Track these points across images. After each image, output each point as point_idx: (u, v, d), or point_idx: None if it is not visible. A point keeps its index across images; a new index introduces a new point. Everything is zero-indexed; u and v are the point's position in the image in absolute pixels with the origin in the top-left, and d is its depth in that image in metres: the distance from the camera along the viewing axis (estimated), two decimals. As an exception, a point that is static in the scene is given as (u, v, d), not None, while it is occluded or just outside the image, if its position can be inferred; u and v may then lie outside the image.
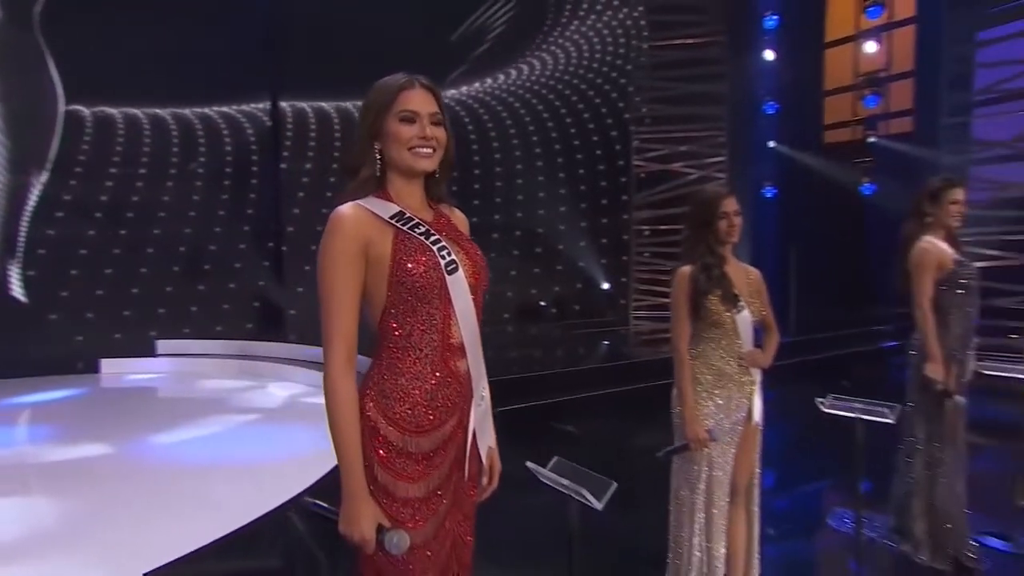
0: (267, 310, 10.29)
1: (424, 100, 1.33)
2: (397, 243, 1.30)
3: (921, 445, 2.92)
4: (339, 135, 10.52)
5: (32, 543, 3.29)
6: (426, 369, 1.32)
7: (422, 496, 1.30)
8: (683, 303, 2.33)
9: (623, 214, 10.92)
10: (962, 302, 2.85)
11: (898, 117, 10.04)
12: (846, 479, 3.34)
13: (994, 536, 3.10)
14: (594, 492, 1.59)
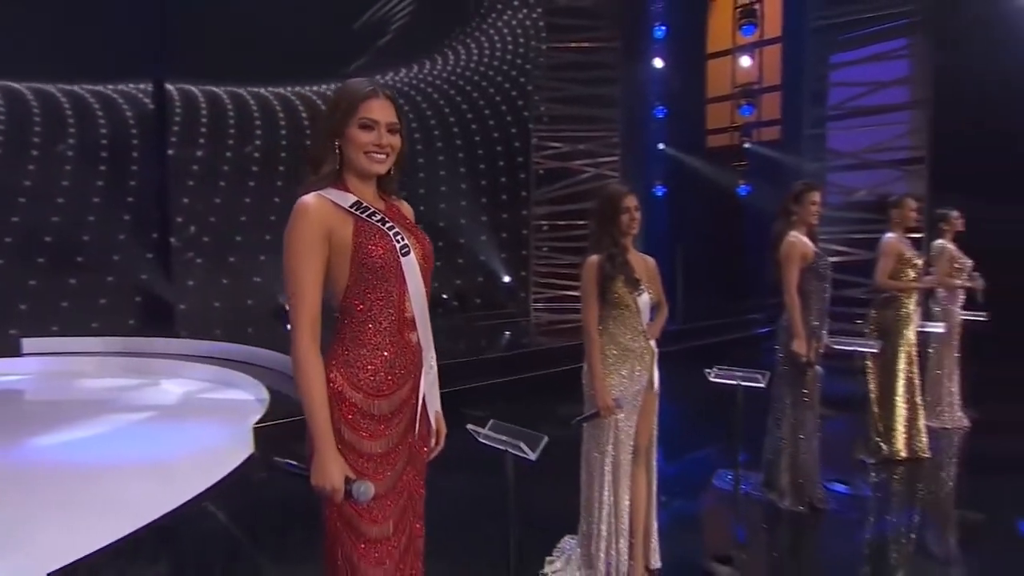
0: (152, 305, 9.65)
1: (384, 110, 1.46)
2: (358, 229, 1.43)
3: (787, 410, 3.41)
4: (233, 122, 10.04)
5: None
6: (384, 340, 1.47)
7: (383, 452, 1.46)
8: (592, 288, 2.60)
9: (523, 209, 11.27)
10: (819, 288, 3.36)
11: (768, 126, 11.15)
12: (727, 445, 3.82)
13: (838, 482, 3.67)
14: (530, 445, 1.82)
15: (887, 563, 2.97)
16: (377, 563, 1.44)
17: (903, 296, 4.06)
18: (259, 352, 7.13)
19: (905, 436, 4.10)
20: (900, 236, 4.11)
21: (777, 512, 3.38)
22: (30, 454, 4.67)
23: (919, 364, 4.21)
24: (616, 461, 2.62)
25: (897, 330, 4.06)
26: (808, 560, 3.15)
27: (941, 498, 3.75)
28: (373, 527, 1.45)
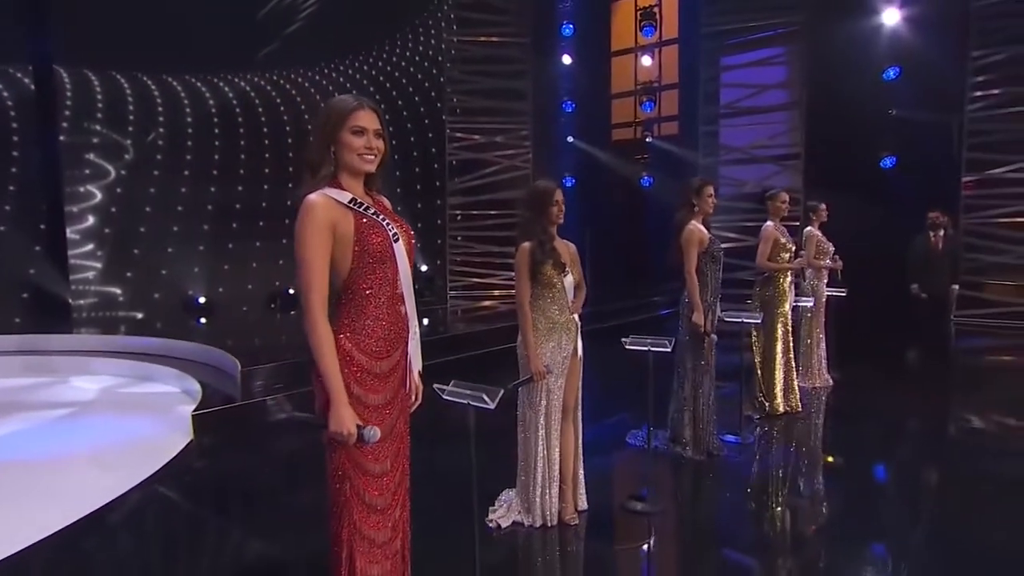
0: (43, 301, 9.07)
1: (371, 119, 1.76)
2: (358, 222, 1.73)
3: (688, 373, 3.98)
4: (132, 109, 9.55)
5: None
6: (383, 312, 1.78)
7: (383, 403, 1.78)
8: (524, 270, 2.98)
9: (437, 199, 11.51)
10: (714, 270, 3.93)
11: (667, 121, 12.02)
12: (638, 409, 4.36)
13: (730, 434, 4.31)
14: (489, 397, 2.18)
15: (768, 498, 3.59)
16: (379, 492, 1.79)
17: (779, 275, 4.77)
18: (175, 344, 6.99)
19: (782, 394, 4.83)
20: (776, 224, 4.80)
21: (681, 462, 3.95)
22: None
23: (793, 333, 4.95)
24: (548, 419, 3.04)
25: (775, 304, 4.76)
26: (706, 496, 3.72)
27: (811, 445, 4.48)
28: (376, 464, 1.78)
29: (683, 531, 3.26)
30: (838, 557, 2.88)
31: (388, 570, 1.81)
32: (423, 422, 2.17)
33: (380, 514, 1.79)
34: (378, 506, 1.78)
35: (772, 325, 4.76)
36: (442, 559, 2.51)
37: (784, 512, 3.40)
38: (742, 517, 3.39)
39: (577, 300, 3.15)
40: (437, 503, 2.30)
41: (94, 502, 3.39)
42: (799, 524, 3.27)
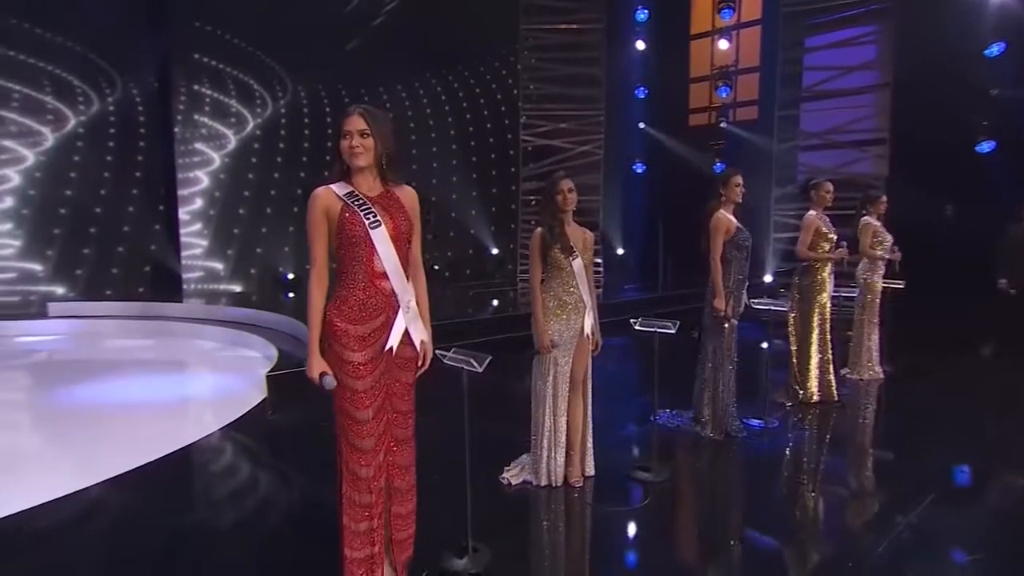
0: (160, 274, 10.32)
1: (354, 122, 2.09)
2: (342, 211, 2.11)
3: (710, 355, 4.13)
4: (234, 102, 10.55)
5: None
6: (359, 286, 2.12)
7: (363, 361, 2.13)
8: (536, 253, 3.27)
9: (511, 185, 11.86)
10: (739, 257, 4.04)
11: (745, 106, 11.68)
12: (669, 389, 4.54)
13: (755, 419, 4.40)
14: (478, 362, 2.51)
15: (774, 481, 3.71)
16: (362, 436, 2.15)
17: (818, 265, 4.75)
18: (264, 315, 7.83)
19: (817, 383, 4.82)
20: (819, 214, 4.77)
21: (699, 440, 4.12)
22: (64, 400, 5.41)
23: (832, 323, 4.91)
24: (555, 390, 3.33)
25: (812, 294, 4.75)
26: (712, 472, 3.88)
27: (836, 435, 4.48)
28: (358, 412, 2.15)
29: (679, 500, 3.45)
30: (822, 547, 2.97)
31: (372, 502, 2.18)
32: (453, 388, 2.53)
33: (364, 454, 2.16)
34: (361, 447, 2.15)
35: (808, 314, 4.77)
36: (444, 507, 2.78)
37: (787, 495, 3.50)
38: (742, 494, 3.55)
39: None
40: (454, 458, 2.63)
41: (182, 441, 4.08)
42: (798, 509, 3.36)
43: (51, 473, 3.78)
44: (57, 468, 3.90)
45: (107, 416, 4.92)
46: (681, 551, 2.99)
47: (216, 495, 3.62)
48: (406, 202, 2.23)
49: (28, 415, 5.31)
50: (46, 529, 3.11)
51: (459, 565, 2.57)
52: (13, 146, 9.40)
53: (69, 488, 3.38)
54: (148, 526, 3.14)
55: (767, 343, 5.26)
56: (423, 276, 2.37)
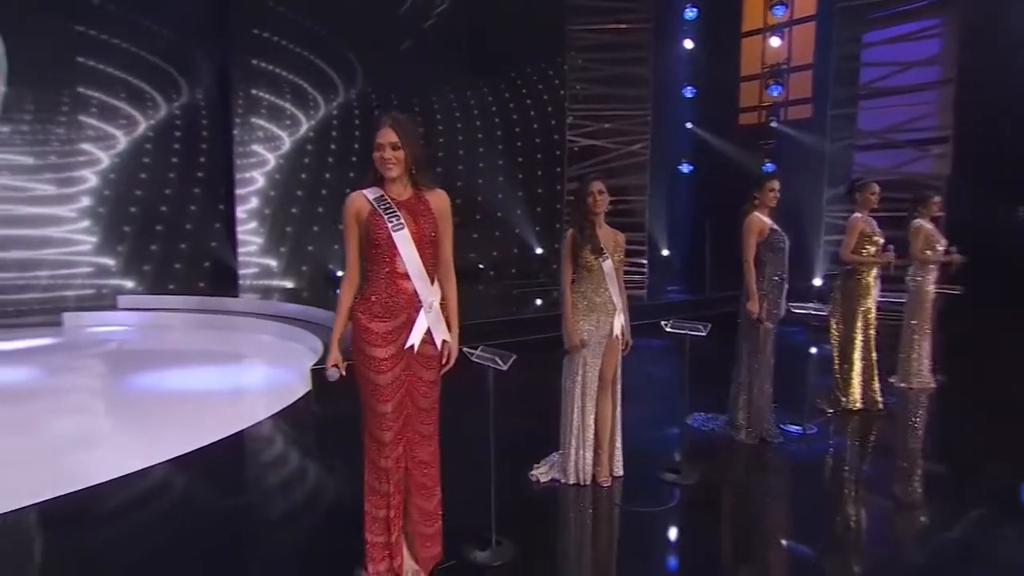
0: (219, 269, 10.84)
1: (385, 134, 2.20)
2: (370, 215, 2.23)
3: (743, 358, 4.09)
4: (289, 104, 10.96)
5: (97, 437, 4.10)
6: (381, 286, 2.24)
7: (385, 357, 2.25)
8: (567, 254, 3.34)
9: (556, 185, 11.89)
10: (774, 259, 3.99)
11: (797, 105, 11.36)
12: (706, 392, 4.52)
13: (793, 424, 4.33)
14: (503, 360, 2.59)
15: (806, 488, 3.65)
16: (382, 429, 2.28)
17: (863, 268, 4.62)
18: (314, 311, 8.14)
19: (861, 390, 4.70)
20: (865, 216, 4.64)
21: (733, 444, 4.09)
22: (131, 386, 5.80)
23: (878, 328, 4.76)
24: (584, 390, 3.38)
25: (856, 298, 4.63)
26: (742, 477, 3.85)
27: (876, 444, 4.35)
28: (379, 405, 2.27)
29: (708, 504, 3.43)
30: (856, 559, 2.91)
31: (391, 491, 2.30)
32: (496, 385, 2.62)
33: (384, 446, 2.28)
34: (382, 439, 2.27)
35: (851, 319, 4.65)
36: (471, 500, 2.82)
37: (821, 503, 3.44)
38: (774, 500, 3.51)
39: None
40: (484, 454, 2.71)
41: (234, 427, 4.34)
42: (832, 518, 3.29)
43: (121, 452, 4.09)
44: (126, 448, 4.22)
45: (169, 402, 5.29)
46: (707, 555, 2.98)
47: (259, 478, 3.84)
48: (435, 206, 2.33)
49: (101, 399, 5.74)
50: (117, 503, 3.40)
51: (482, 557, 2.65)
52: (91, 149, 10.06)
53: (136, 466, 3.67)
54: (201, 503, 3.37)
55: (811, 348, 5.15)
56: (453, 276, 2.45)
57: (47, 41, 9.29)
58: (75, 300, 9.63)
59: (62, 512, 3.21)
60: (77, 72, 9.73)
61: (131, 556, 2.84)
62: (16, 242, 9.31)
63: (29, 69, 9.19)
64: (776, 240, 3.98)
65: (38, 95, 9.45)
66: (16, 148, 9.34)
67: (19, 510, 3.16)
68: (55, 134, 9.69)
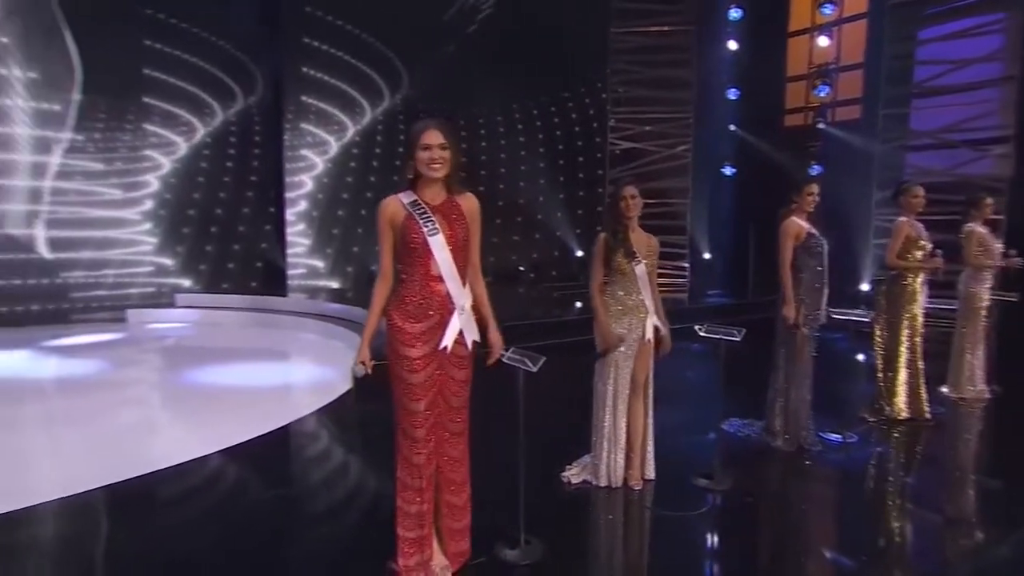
0: (269, 270, 11.27)
1: (434, 136, 2.25)
2: (405, 219, 2.30)
3: (780, 364, 4.05)
4: (336, 110, 11.30)
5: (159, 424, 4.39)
6: (415, 288, 2.32)
7: (418, 356, 2.32)
8: (598, 257, 3.38)
9: (599, 187, 11.90)
10: (811, 264, 3.94)
11: (845, 105, 11.04)
12: (743, 397, 4.50)
13: (833, 433, 4.24)
14: (532, 362, 2.66)
15: (841, 497, 3.59)
16: (415, 426, 2.36)
17: (909, 274, 4.51)
18: (357, 311, 8.39)
19: (907, 399, 4.57)
20: (911, 220, 4.53)
21: (769, 450, 4.05)
22: (187, 380, 6.13)
23: (926, 336, 4.63)
24: (616, 392, 3.42)
25: (901, 304, 4.52)
26: (777, 484, 3.82)
27: (920, 455, 4.23)
28: (412, 403, 2.35)
29: (740, 510, 3.41)
30: (892, 573, 2.87)
31: (423, 487, 2.39)
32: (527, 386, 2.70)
33: (416, 443, 2.36)
34: (414, 436, 2.36)
35: (896, 326, 4.53)
36: (502, 499, 2.86)
37: (859, 513, 3.38)
38: (810, 508, 3.47)
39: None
40: (514, 455, 2.77)
41: (280, 421, 4.57)
42: (869, 528, 3.22)
43: (177, 441, 4.35)
44: (182, 437, 4.48)
45: (220, 395, 5.58)
46: (739, 562, 2.97)
47: (302, 471, 4.03)
48: (467, 210, 2.39)
49: (159, 392, 6.09)
50: (174, 490, 3.64)
51: (511, 555, 2.71)
52: (154, 155, 10.62)
53: (191, 455, 3.91)
54: (248, 492, 3.57)
55: (855, 354, 5.05)
56: (481, 279, 2.51)
57: (118, 54, 9.86)
58: (138, 298, 10.18)
59: (124, 496, 3.45)
60: (143, 83, 10.29)
61: (183, 538, 3.05)
62: (86, 243, 9.90)
63: (101, 80, 9.78)
64: (814, 244, 3.93)
65: (109, 105, 10.03)
66: (88, 155, 9.94)
67: (86, 493, 3.41)
68: (122, 141, 10.27)
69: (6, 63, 9.07)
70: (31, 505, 3.25)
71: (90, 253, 9.92)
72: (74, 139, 9.70)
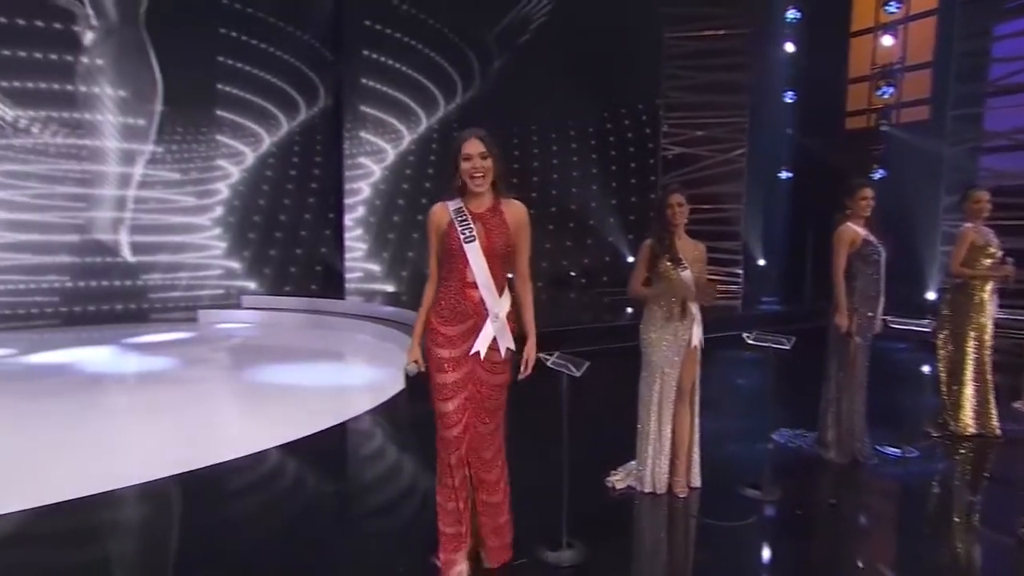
0: (328, 273, 11.72)
1: (475, 146, 2.34)
2: (448, 225, 2.39)
3: (833, 373, 3.97)
4: (393, 119, 11.66)
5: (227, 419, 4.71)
6: (451, 293, 2.41)
7: (450, 357, 2.41)
8: (642, 261, 3.43)
9: (651, 193, 11.81)
10: (866, 271, 3.84)
11: (912, 106, 10.57)
12: (795, 407, 4.42)
13: (892, 446, 4.11)
14: (576, 367, 2.73)
15: (894, 514, 3.48)
16: (446, 427, 2.45)
17: (976, 283, 4.33)
18: (410, 313, 8.63)
19: (973, 414, 4.38)
20: (976, 226, 4.35)
21: (821, 463, 3.96)
22: (252, 378, 6.47)
23: (997, 347, 4.42)
24: (661, 398, 3.44)
25: (968, 314, 4.34)
26: (826, 496, 3.73)
27: (988, 475, 4.04)
28: (441, 403, 2.44)
29: (787, 522, 3.36)
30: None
31: (457, 485, 2.47)
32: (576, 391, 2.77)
33: (448, 443, 2.44)
34: (446, 436, 2.44)
35: (962, 337, 4.36)
36: (546, 502, 2.88)
37: (913, 530, 3.28)
38: (860, 522, 3.38)
39: (701, 294, 3.44)
40: (559, 458, 2.80)
41: (336, 419, 4.79)
42: (930, 547, 3.12)
43: (240, 435, 4.61)
44: (245, 432, 4.76)
45: (282, 392, 5.88)
46: (781, 574, 2.95)
47: (356, 466, 4.22)
48: (510, 217, 2.43)
49: (226, 388, 6.45)
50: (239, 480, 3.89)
51: (553, 557, 2.76)
52: (225, 164, 11.24)
53: (254, 448, 4.16)
54: (306, 485, 3.77)
55: (919, 365, 4.87)
56: (530, 287, 2.56)
57: (194, 71, 10.52)
58: (208, 299, 10.78)
59: (193, 484, 3.71)
60: (216, 97, 10.92)
61: (245, 526, 3.28)
62: (164, 247, 10.58)
63: (179, 95, 10.45)
64: (870, 252, 3.84)
65: (185, 118, 10.70)
66: (167, 165, 10.63)
67: (158, 480, 3.69)
68: (197, 152, 10.93)
69: (99, 82, 9.82)
70: (112, 489, 3.55)
71: (167, 257, 10.59)
72: (155, 151, 10.39)
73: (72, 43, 9.64)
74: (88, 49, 9.72)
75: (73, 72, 9.70)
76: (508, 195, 2.46)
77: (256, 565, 2.86)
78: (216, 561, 2.88)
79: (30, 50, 9.39)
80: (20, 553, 3.00)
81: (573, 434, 2.78)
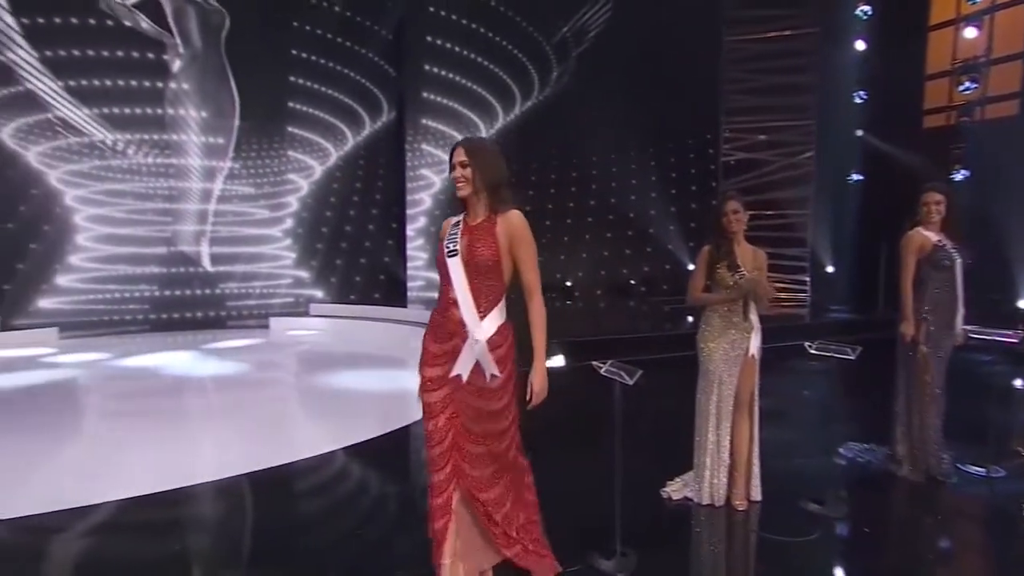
0: (390, 282, 12.07)
1: (457, 154, 2.22)
2: (441, 239, 2.32)
3: (901, 386, 3.79)
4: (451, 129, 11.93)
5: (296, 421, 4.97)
6: (439, 308, 2.30)
7: (430, 376, 2.29)
8: (701, 267, 3.39)
9: (711, 199, 11.55)
10: (938, 278, 3.65)
11: (998, 102, 9.92)
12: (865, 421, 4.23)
13: (975, 465, 3.87)
14: (628, 375, 2.73)
15: (986, 533, 3.27)
16: (430, 445, 2.31)
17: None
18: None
19: (1064, 432, 4.08)
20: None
21: (892, 479, 3.78)
22: (318, 382, 6.75)
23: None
24: (719, 409, 3.38)
25: (1057, 325, 4.05)
26: (894, 515, 3.56)
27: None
28: (427, 422, 2.31)
29: (852, 540, 3.23)
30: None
31: (442, 504, 2.33)
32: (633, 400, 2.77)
33: (433, 461, 2.31)
34: (430, 455, 2.32)
35: (1052, 350, 4.06)
36: (601, 511, 2.87)
37: (997, 556, 3.08)
38: (935, 544, 3.21)
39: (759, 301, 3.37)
40: (615, 467, 2.77)
41: (395, 425, 4.96)
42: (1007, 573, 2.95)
43: (308, 437, 4.85)
44: (313, 433, 4.99)
45: (347, 397, 6.12)
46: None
47: (416, 469, 4.33)
48: (501, 229, 2.23)
49: (295, 391, 6.78)
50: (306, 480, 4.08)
51: (606, 566, 2.76)
52: (295, 178, 11.82)
53: (321, 450, 4.36)
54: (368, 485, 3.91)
55: (1014, 380, 4.56)
56: (537, 299, 2.32)
57: (268, 90, 11.16)
58: (279, 307, 11.34)
59: (263, 483, 3.92)
60: (287, 114, 11.52)
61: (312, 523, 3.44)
62: (239, 258, 11.22)
63: (254, 114, 11.10)
64: (941, 258, 3.65)
65: (259, 135, 11.34)
66: (243, 180, 11.29)
67: (232, 477, 3.93)
68: (269, 167, 11.55)
69: (184, 105, 10.57)
70: (189, 485, 3.81)
71: (242, 267, 11.23)
72: (232, 167, 11.05)
73: (161, 70, 10.41)
74: (175, 75, 10.48)
75: (162, 96, 10.49)
76: (506, 206, 2.26)
77: (321, 564, 2.97)
78: (283, 558, 3.02)
79: (127, 78, 10.24)
80: (106, 542, 3.25)
81: (630, 443, 2.77)
